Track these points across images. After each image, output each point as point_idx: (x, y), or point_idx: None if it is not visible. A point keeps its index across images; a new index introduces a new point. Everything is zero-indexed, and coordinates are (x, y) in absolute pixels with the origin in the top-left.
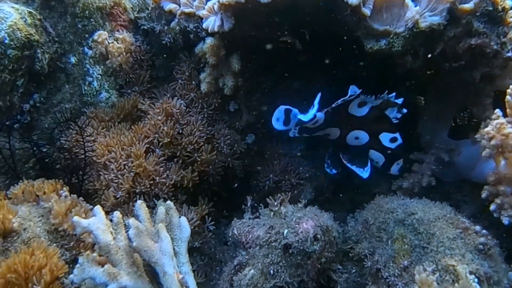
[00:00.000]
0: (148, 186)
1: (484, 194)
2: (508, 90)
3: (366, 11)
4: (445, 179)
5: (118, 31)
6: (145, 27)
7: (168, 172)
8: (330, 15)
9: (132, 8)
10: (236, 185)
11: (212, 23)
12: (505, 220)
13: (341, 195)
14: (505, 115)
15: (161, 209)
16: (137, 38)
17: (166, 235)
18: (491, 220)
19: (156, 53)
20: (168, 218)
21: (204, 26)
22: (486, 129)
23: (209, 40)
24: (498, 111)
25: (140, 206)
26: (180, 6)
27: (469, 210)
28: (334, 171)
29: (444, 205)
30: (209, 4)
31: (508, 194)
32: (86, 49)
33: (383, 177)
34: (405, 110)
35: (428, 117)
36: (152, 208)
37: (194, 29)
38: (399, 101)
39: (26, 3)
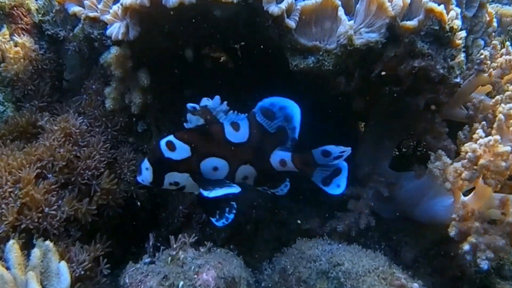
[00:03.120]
0: (37, 219)
1: (452, 232)
2: (500, 109)
3: (291, 23)
4: (384, 216)
5: (18, 35)
6: (49, 32)
7: (60, 202)
8: (252, 26)
9: (37, 10)
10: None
11: (116, 30)
12: (484, 265)
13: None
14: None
15: (35, 253)
16: (41, 44)
17: (36, 286)
18: (435, 266)
19: (65, 62)
20: (45, 262)
21: (107, 33)
22: (472, 146)
23: (114, 50)
24: (480, 131)
25: (12, 247)
26: (85, 9)
27: (411, 253)
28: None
29: (377, 254)
30: (114, 8)
31: (481, 232)
32: None
33: (316, 212)
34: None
35: (367, 145)
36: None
37: (98, 36)
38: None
39: None
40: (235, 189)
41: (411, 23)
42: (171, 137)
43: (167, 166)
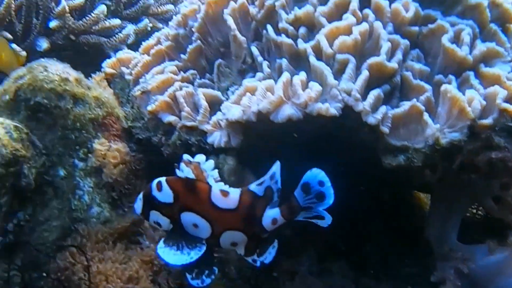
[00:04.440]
0: None
1: None
2: None
3: (385, 129)
4: None
5: (111, 141)
6: (140, 137)
7: None
8: (346, 132)
9: (125, 116)
10: None
11: (218, 138)
12: None
13: None
14: None
15: None
16: (130, 146)
17: None
18: None
19: (151, 159)
20: None
21: (209, 141)
22: None
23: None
24: None
25: None
26: (180, 119)
27: None
28: None
29: None
30: (214, 119)
31: None
32: (76, 161)
33: None
34: None
35: (436, 219)
36: None
37: (196, 142)
38: None
39: (10, 114)
40: (190, 258)
41: (488, 122)
42: (162, 179)
43: (152, 203)
